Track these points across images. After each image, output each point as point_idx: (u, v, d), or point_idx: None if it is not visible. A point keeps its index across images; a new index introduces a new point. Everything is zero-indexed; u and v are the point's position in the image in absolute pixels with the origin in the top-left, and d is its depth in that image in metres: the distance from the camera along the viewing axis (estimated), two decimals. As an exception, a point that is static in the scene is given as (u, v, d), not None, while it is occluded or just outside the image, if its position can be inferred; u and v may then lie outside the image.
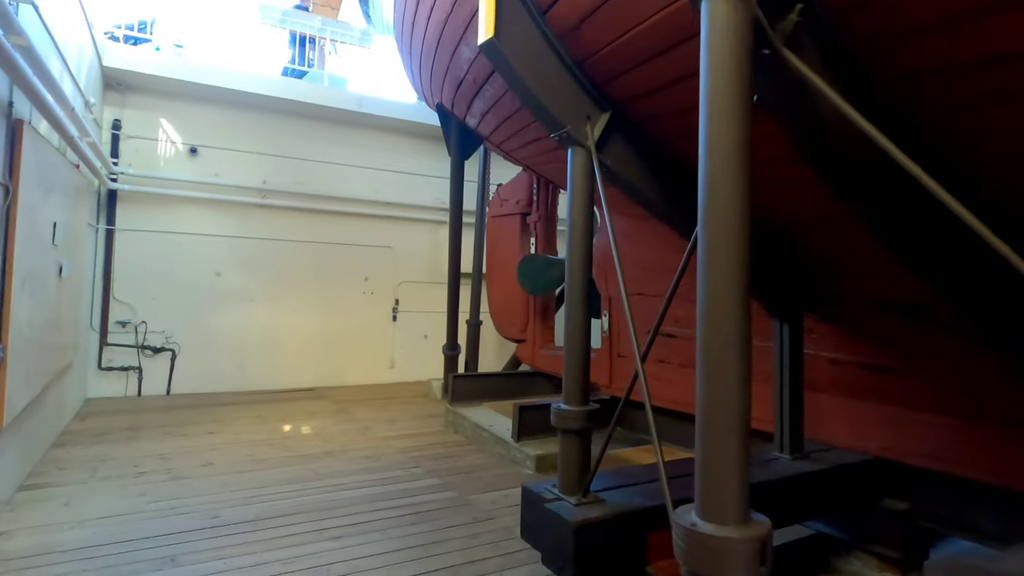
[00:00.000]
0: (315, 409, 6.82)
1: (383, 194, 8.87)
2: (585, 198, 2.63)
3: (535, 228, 6.40)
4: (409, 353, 9.04)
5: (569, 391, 2.64)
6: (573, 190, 2.65)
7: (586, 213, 2.63)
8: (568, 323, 2.67)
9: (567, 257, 2.68)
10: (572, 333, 2.66)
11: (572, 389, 2.64)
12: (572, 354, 2.65)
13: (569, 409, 2.59)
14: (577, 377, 2.65)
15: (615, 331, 5.15)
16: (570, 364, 2.65)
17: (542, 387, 6.44)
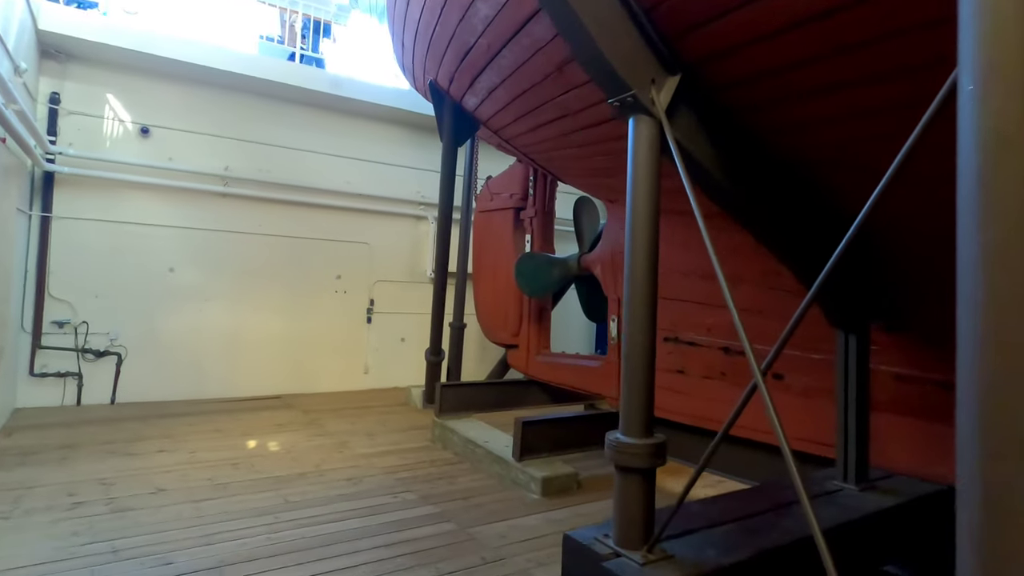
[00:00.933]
0: (283, 421, 6.13)
1: (358, 186, 8.21)
2: (651, 180, 2.12)
3: (531, 224, 5.88)
4: (385, 358, 8.39)
5: (629, 420, 2.13)
6: (636, 170, 2.13)
7: (653, 199, 2.12)
8: (629, 337, 2.15)
9: (627, 255, 2.16)
10: (634, 348, 2.14)
11: (633, 418, 2.12)
12: (633, 374, 2.14)
13: (630, 442, 2.07)
14: (639, 403, 2.13)
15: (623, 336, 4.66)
16: (631, 387, 2.14)
17: (538, 397, 5.92)
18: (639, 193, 2.11)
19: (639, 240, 2.12)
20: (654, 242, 2.11)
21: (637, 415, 2.10)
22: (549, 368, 5.56)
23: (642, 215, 2.12)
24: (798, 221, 2.56)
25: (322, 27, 8.53)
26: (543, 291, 5.36)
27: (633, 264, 2.13)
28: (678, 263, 4.11)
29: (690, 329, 4.09)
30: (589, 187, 4.90)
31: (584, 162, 3.93)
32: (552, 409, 6.13)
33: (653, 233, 2.12)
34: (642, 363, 2.10)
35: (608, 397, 4.80)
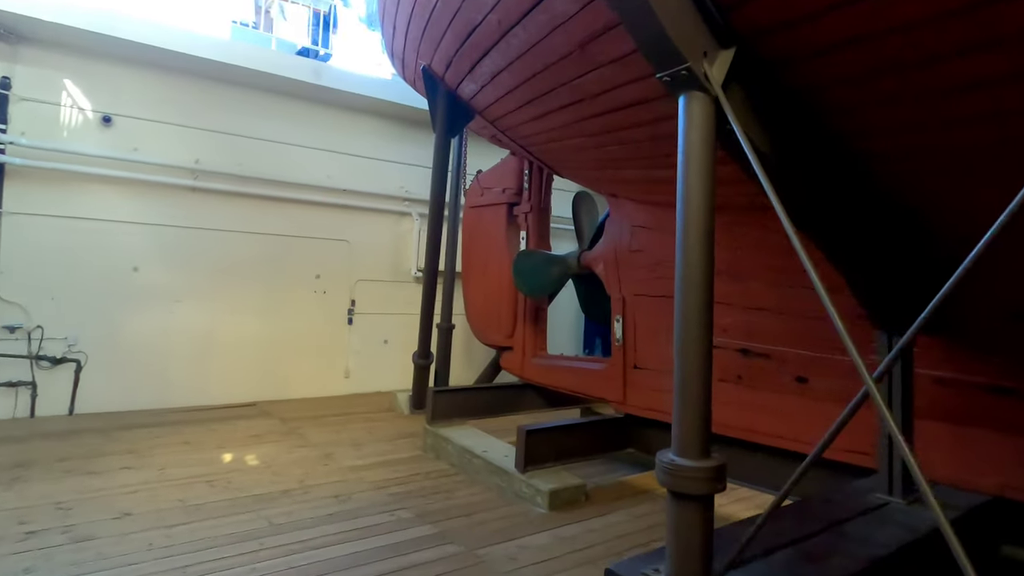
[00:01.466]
0: (260, 430, 5.73)
1: (339, 180, 7.81)
2: (706, 164, 1.85)
3: (526, 220, 5.60)
4: (367, 360, 8.02)
5: (684, 440, 1.86)
6: (689, 154, 1.86)
7: (707, 186, 1.85)
8: (682, 345, 1.89)
9: (680, 251, 1.90)
10: (688, 358, 1.88)
11: (689, 437, 1.86)
12: (687, 387, 1.88)
13: (687, 465, 1.81)
14: (695, 419, 1.87)
15: (630, 338, 4.43)
16: (685, 401, 1.88)
17: (533, 401, 5.65)
18: (692, 180, 1.84)
19: (693, 233, 1.85)
20: (709, 235, 1.85)
21: (693, 434, 1.83)
22: (546, 371, 5.29)
23: (696, 205, 1.85)
24: (850, 214, 2.33)
25: (331, 19, 8.09)
26: (542, 290, 5.08)
27: (687, 261, 1.86)
28: (691, 261, 3.87)
29: (704, 331, 3.85)
30: (592, 180, 4.64)
31: (592, 153, 3.66)
32: (548, 414, 5.87)
33: (708, 225, 1.85)
34: (698, 374, 1.84)
35: (613, 401, 4.55)
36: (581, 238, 5.11)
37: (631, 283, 4.41)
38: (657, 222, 4.11)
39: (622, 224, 4.49)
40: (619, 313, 4.50)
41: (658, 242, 4.13)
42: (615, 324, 4.53)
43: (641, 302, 4.33)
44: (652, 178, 3.45)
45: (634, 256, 4.37)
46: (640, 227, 4.30)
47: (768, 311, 3.44)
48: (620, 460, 4.94)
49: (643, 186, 3.75)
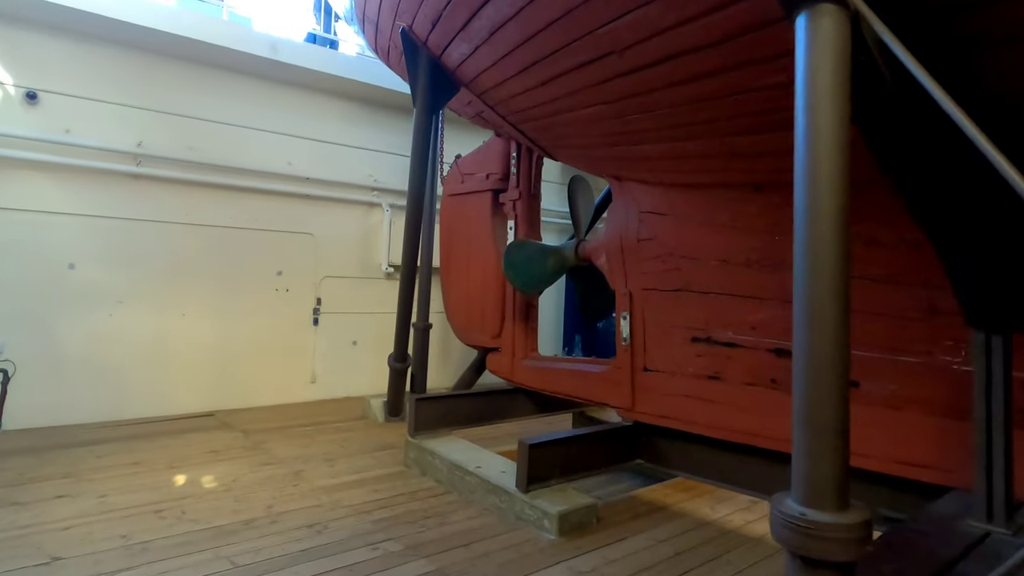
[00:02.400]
0: (219, 445, 5.09)
1: (302, 168, 7.16)
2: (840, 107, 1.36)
3: (514, 208, 5.11)
4: (334, 364, 7.40)
5: (816, 486, 1.37)
6: (815, 92, 1.38)
7: (840, 137, 1.37)
8: (810, 358, 1.42)
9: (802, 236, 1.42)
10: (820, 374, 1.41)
11: (822, 482, 1.37)
12: (817, 414, 1.41)
13: (821, 521, 1.33)
14: (830, 459, 1.38)
15: (639, 338, 3.99)
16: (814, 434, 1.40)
17: (524, 407, 5.17)
18: (823, 128, 1.37)
19: (823, 217, 1.38)
20: (842, 217, 1.38)
21: (828, 478, 1.37)
22: (539, 374, 4.82)
23: (826, 173, 1.37)
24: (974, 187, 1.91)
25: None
26: (537, 285, 4.61)
27: (814, 248, 1.39)
28: (714, 248, 3.46)
29: (728, 327, 3.44)
30: (594, 161, 4.18)
31: (606, 125, 3.20)
32: (540, 421, 5.41)
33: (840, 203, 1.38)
34: (833, 397, 1.38)
35: (619, 408, 4.11)
36: (578, 227, 4.66)
37: (639, 276, 3.98)
38: (671, 207, 3.67)
39: (628, 210, 4.05)
40: (625, 310, 4.06)
41: (672, 230, 3.70)
42: (621, 322, 4.09)
43: (651, 297, 3.90)
44: (680, 152, 3.01)
45: (643, 246, 3.94)
46: (650, 213, 3.86)
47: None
48: (623, 471, 4.52)
49: (665, 163, 3.31)
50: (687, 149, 2.93)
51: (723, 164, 2.93)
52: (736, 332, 3.40)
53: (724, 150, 2.79)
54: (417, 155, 4.97)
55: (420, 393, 6.65)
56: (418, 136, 4.88)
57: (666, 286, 3.79)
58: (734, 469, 3.55)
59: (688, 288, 3.64)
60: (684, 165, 3.21)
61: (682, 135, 2.80)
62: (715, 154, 2.86)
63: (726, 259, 3.39)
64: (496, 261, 5.23)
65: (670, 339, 3.79)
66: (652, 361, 3.92)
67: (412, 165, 5.03)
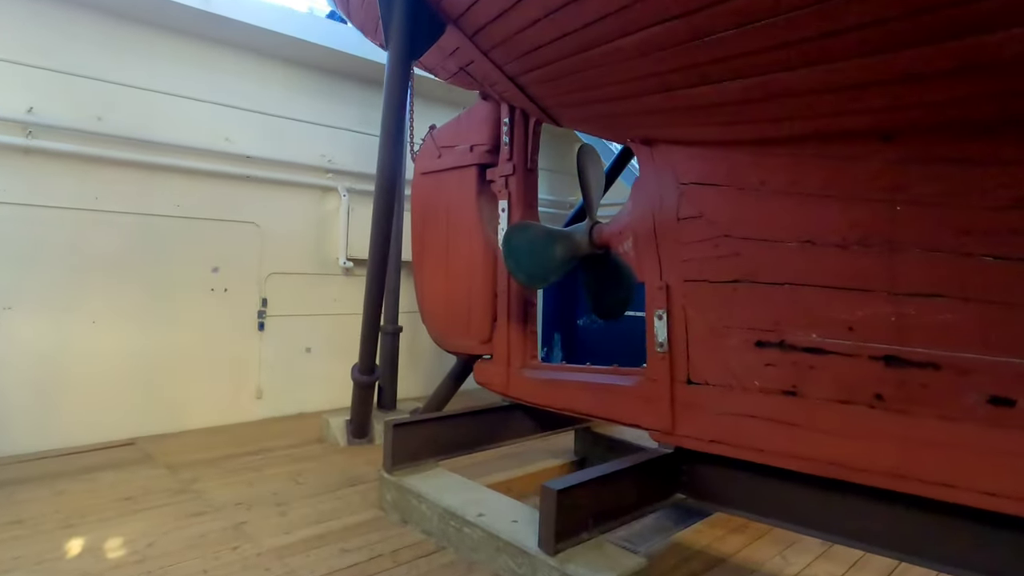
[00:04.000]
0: (135, 488, 3.99)
1: (243, 145, 6.05)
2: None
3: (506, 186, 4.20)
4: (284, 375, 6.32)
5: None
6: None
7: None
8: None
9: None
10: None
11: None
12: None
13: None
14: None
15: (680, 342, 3.16)
16: None
17: (521, 426, 4.28)
18: None
19: None
20: None
21: None
22: (544, 387, 3.94)
23: None
24: None
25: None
26: (544, 277, 3.71)
27: None
28: (795, 226, 2.66)
29: (812, 328, 2.65)
30: (619, 119, 3.33)
31: (659, 59, 2.34)
32: (541, 440, 4.53)
33: None
34: None
35: (654, 430, 3.27)
36: (590, 206, 3.80)
37: (679, 265, 3.15)
38: (729, 175, 2.85)
39: (663, 183, 3.22)
40: (661, 306, 3.22)
41: (728, 205, 2.88)
42: (655, 323, 3.25)
43: (697, 291, 3.08)
44: (776, 88, 2.19)
45: (685, 227, 3.11)
46: (696, 185, 3.03)
47: (943, 298, 2.27)
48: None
49: (742, 110, 2.49)
50: (790, 82, 2.12)
51: (845, 101, 2.14)
52: (824, 334, 2.61)
53: (853, 78, 1.98)
54: (390, 116, 4.03)
55: (390, 408, 5.68)
56: (392, 91, 3.93)
57: (719, 276, 2.98)
58: (814, 509, 2.76)
59: (752, 278, 2.83)
60: (773, 109, 2.39)
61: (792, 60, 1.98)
62: (837, 86, 2.05)
63: (812, 239, 2.59)
64: (484, 249, 4.32)
65: (724, 343, 2.97)
66: (699, 371, 3.09)
67: (384, 131, 4.09)
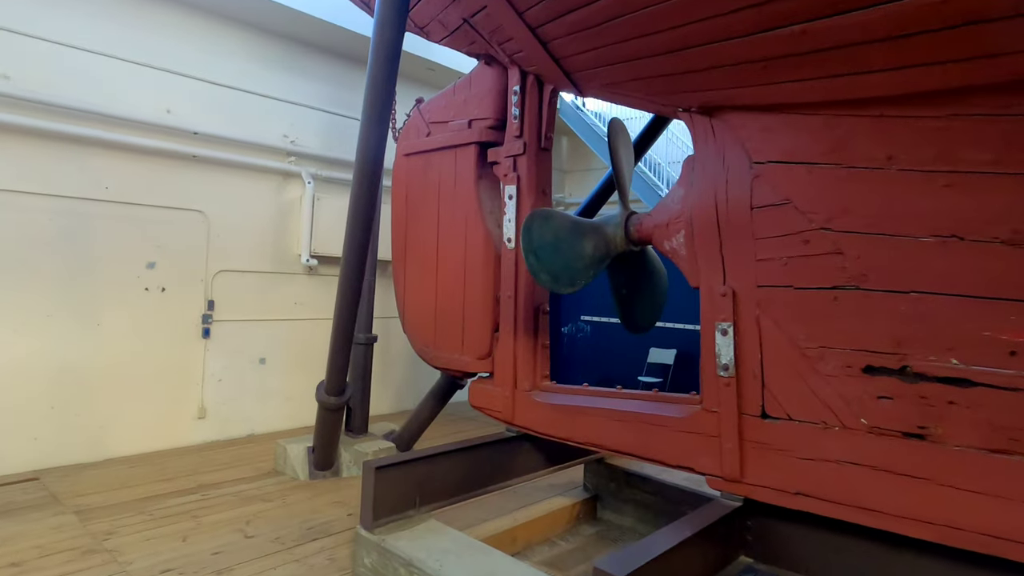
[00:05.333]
0: (26, 548, 3.05)
1: (187, 119, 5.12)
2: None
3: (514, 168, 3.45)
4: (233, 391, 5.39)
5: None
6: None
7: None
8: None
9: None
10: None
11: None
12: None
13: None
14: None
15: (749, 363, 2.47)
16: None
17: (528, 463, 3.52)
18: None
19: None
20: None
21: None
22: (561, 416, 3.19)
23: None
24: None
25: None
26: (572, 279, 2.95)
27: None
28: (932, 216, 2.00)
29: (950, 351, 2.00)
30: (670, 81, 2.62)
31: None
32: (548, 475, 3.77)
33: None
34: None
35: (715, 477, 2.57)
36: (623, 192, 3.09)
37: (753, 266, 2.46)
38: (836, 148, 2.18)
39: (729, 162, 2.53)
40: (725, 318, 2.53)
41: (832, 188, 2.21)
42: (717, 339, 2.55)
43: (779, 300, 2.40)
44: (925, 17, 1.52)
45: (763, 218, 2.43)
46: (781, 164, 2.36)
47: None
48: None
49: (860, 54, 1.82)
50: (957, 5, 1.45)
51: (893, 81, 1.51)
52: (970, 360, 1.96)
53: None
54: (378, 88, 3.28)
55: (360, 433, 4.82)
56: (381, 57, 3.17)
57: (811, 281, 2.30)
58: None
59: (862, 284, 2.17)
60: (921, 49, 1.71)
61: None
62: None
63: (960, 233, 1.95)
64: (484, 245, 3.56)
65: (817, 368, 2.30)
66: (777, 403, 2.41)
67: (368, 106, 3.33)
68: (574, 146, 8.90)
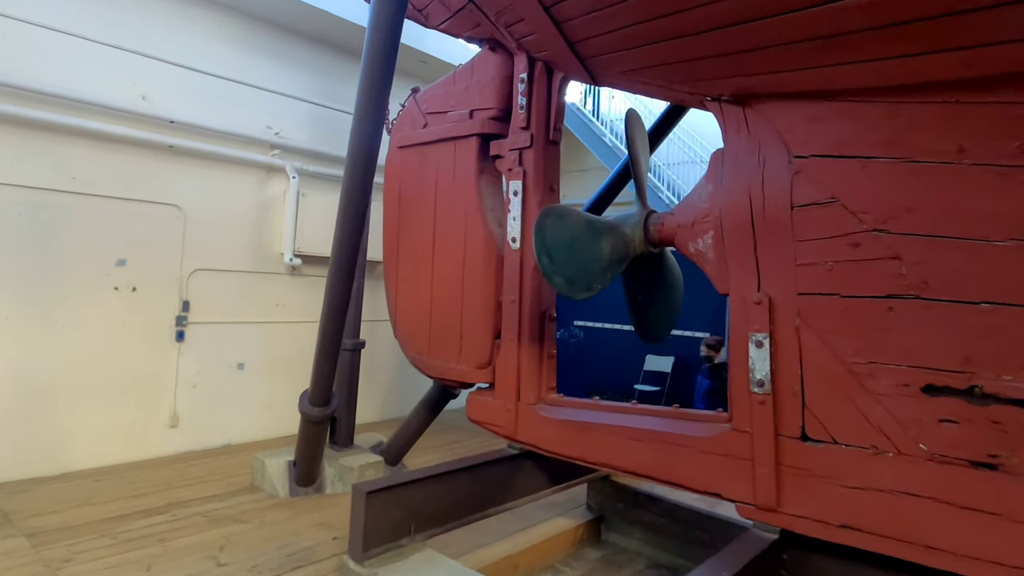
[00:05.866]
0: (-34, 580, 2.70)
1: (163, 106, 4.79)
2: None
3: (520, 162, 3.18)
4: (208, 397, 5.05)
5: None
6: None
7: None
8: None
9: None
10: None
11: None
12: None
13: None
14: None
15: (787, 379, 2.22)
16: None
17: (531, 482, 3.24)
18: None
19: None
20: None
21: None
22: (570, 432, 2.91)
23: None
24: None
25: None
26: (588, 283, 2.67)
27: None
28: (1011, 216, 1.76)
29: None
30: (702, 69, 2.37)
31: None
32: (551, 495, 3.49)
33: None
34: None
35: (742, 503, 2.31)
36: (641, 187, 2.84)
37: (793, 271, 2.22)
38: (894, 139, 1.95)
39: (767, 155, 2.29)
40: (759, 329, 2.28)
41: (889, 185, 1.97)
42: (751, 352, 2.30)
43: (823, 309, 2.16)
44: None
45: (806, 217, 2.19)
46: (828, 158, 2.12)
47: None
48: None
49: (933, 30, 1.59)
50: None
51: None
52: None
53: None
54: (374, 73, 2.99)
55: (345, 446, 4.50)
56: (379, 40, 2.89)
57: (862, 288, 2.06)
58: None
59: (923, 293, 1.93)
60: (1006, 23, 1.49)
61: None
62: None
63: None
64: (485, 245, 3.28)
65: (868, 386, 2.06)
66: (820, 425, 2.16)
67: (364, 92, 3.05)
68: (568, 146, 8.65)
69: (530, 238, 3.05)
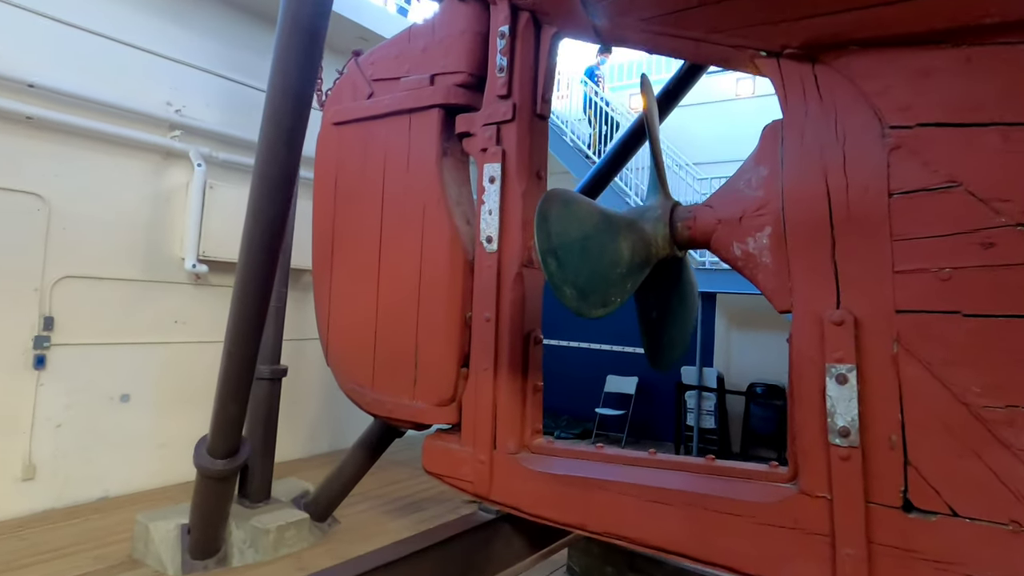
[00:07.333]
0: None
1: (25, 69, 3.75)
2: None
3: (498, 140, 2.49)
4: (79, 439, 3.98)
5: None
6: None
7: None
8: None
9: None
10: None
11: None
12: None
13: None
14: None
15: (880, 427, 1.64)
16: None
17: (508, 552, 2.50)
18: None
19: None
20: None
21: None
22: (567, 492, 2.21)
23: None
24: None
25: None
26: (604, 296, 1.96)
27: None
28: None
29: None
30: (763, 11, 1.77)
31: None
32: (532, 566, 2.76)
33: None
34: None
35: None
36: (662, 175, 2.21)
37: (891, 280, 1.65)
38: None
39: (844, 128, 1.72)
40: (840, 358, 1.69)
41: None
42: (831, 389, 1.70)
43: (934, 332, 1.60)
44: None
45: (910, 208, 1.63)
46: (944, 128, 1.57)
47: None
48: None
49: None
50: None
51: None
52: None
53: None
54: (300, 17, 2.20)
55: (260, 500, 3.57)
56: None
57: (995, 306, 1.52)
58: None
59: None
60: None
61: None
62: None
63: None
64: (450, 247, 2.55)
65: (1004, 438, 1.51)
66: (931, 489, 1.59)
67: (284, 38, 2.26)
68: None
69: (510, 238, 2.37)
